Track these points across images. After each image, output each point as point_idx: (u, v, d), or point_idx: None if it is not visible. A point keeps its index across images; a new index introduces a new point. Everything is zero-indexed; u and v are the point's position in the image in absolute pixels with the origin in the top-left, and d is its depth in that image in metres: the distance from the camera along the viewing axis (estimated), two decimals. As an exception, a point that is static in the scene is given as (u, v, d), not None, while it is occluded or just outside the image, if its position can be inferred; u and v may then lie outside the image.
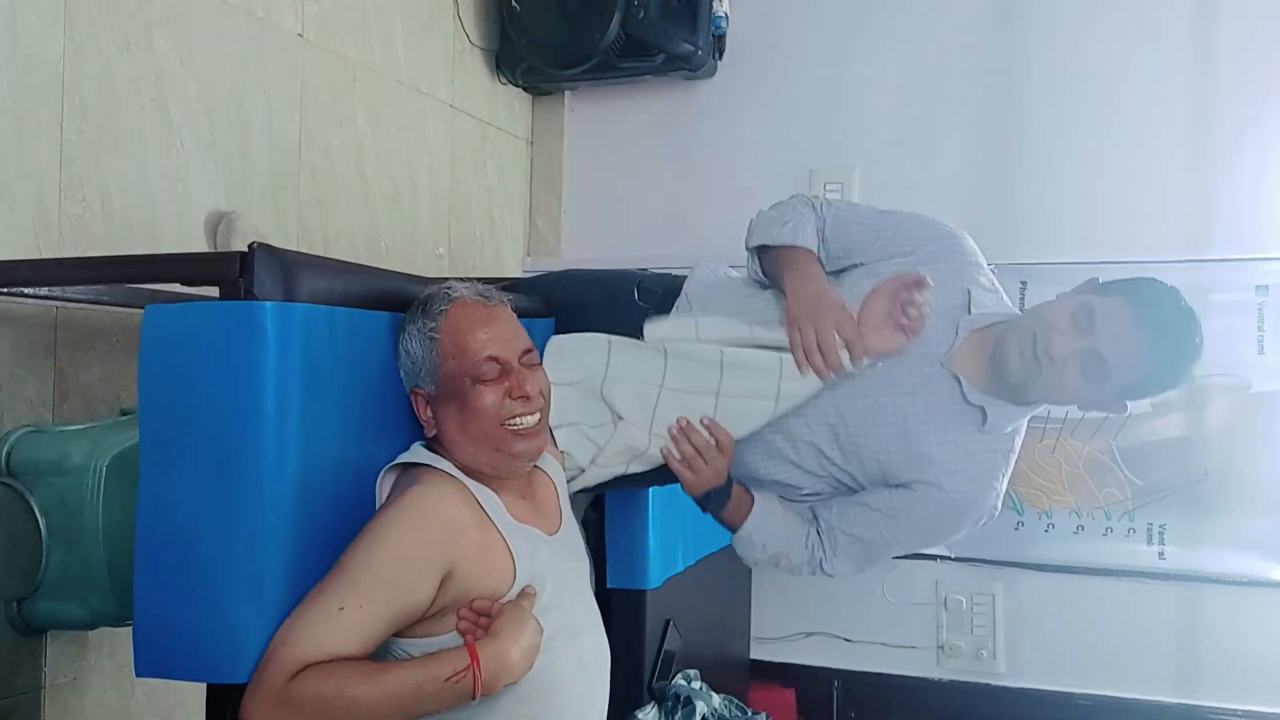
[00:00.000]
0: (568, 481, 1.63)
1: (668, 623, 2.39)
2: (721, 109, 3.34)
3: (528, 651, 1.26)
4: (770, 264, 1.67)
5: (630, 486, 1.86)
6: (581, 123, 3.51)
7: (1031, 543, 3.00)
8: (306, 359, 1.27)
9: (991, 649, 3.05)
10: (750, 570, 3.15)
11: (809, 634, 3.21)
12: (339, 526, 1.30)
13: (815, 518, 1.70)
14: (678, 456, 1.61)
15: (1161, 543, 2.90)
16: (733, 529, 1.70)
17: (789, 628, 3.23)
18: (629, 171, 3.46)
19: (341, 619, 1.19)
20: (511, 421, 1.37)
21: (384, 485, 1.37)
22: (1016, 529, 3.01)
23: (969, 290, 1.60)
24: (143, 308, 1.27)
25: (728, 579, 2.94)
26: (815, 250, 1.64)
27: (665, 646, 2.38)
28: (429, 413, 1.38)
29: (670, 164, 3.41)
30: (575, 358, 1.65)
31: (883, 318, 1.53)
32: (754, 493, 1.70)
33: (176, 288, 1.45)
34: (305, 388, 1.26)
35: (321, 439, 1.29)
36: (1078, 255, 2.86)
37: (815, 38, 3.25)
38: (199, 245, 2.25)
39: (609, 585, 2.25)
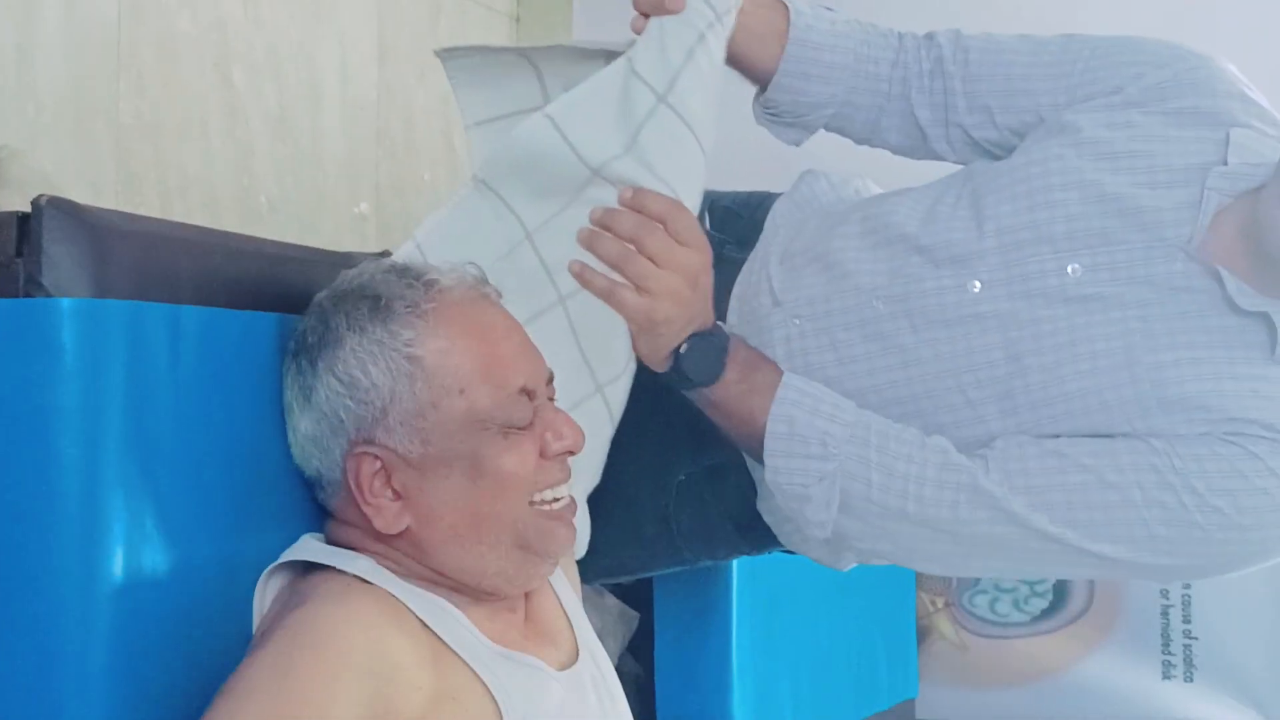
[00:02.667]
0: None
1: None
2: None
3: None
4: None
5: (698, 552, 1.87)
6: (602, -16, 3.54)
7: None
8: (133, 391, 1.27)
9: None
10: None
11: None
12: (188, 674, 1.30)
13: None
14: (602, 273, 1.59)
15: None
16: (753, 427, 1.65)
17: None
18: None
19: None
20: (541, 495, 1.39)
21: (265, 597, 1.38)
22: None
23: (1228, 133, 1.60)
24: None
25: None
26: (795, 10, 1.71)
27: None
28: (388, 490, 1.37)
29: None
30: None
31: None
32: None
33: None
34: (131, 440, 1.27)
35: (159, 529, 1.29)
36: None
37: None
38: (-51, 205, 2.29)
39: None
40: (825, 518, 1.64)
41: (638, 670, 2.32)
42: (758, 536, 1.74)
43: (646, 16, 1.61)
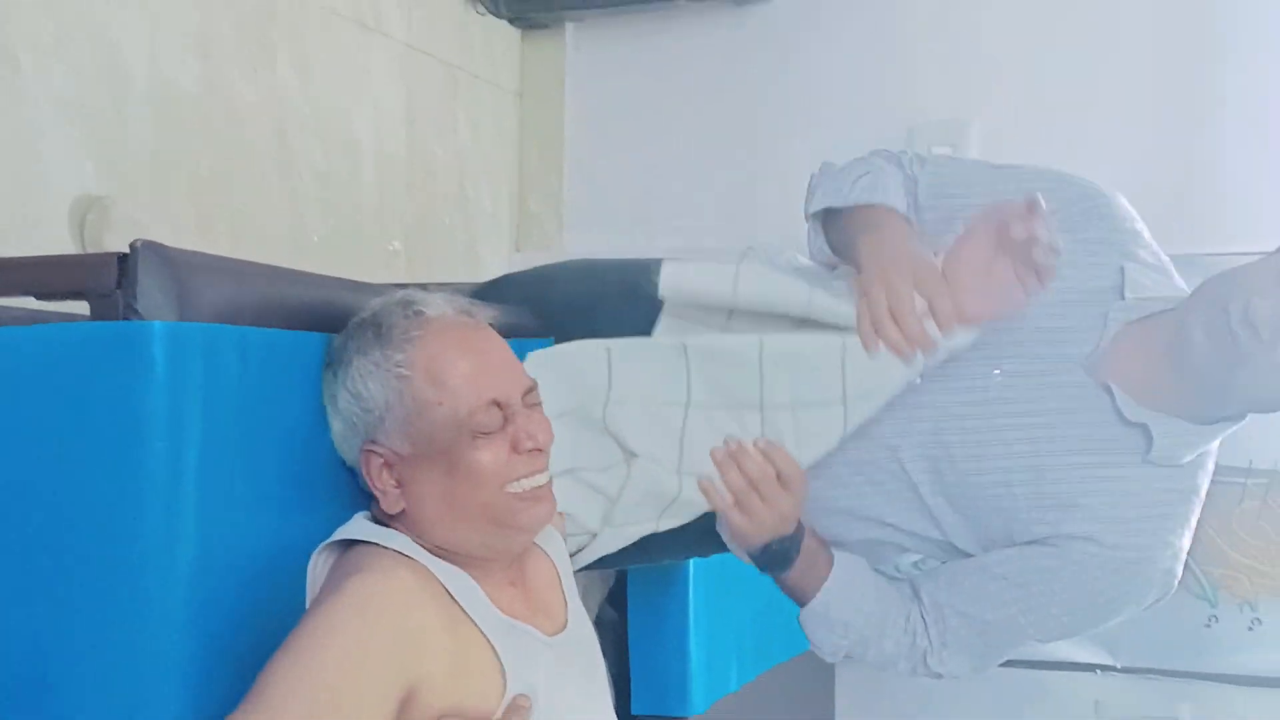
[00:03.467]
0: (573, 554, 1.64)
1: (718, 764, 2.38)
2: (784, 44, 3.35)
3: None
4: (839, 234, 1.67)
5: (658, 557, 1.85)
6: (589, 66, 3.54)
7: (1230, 646, 3.00)
8: (209, 399, 1.26)
9: (1176, 798, 3.04)
10: (832, 690, 3.14)
11: (918, 777, 3.20)
12: (257, 635, 1.28)
13: (916, 594, 1.70)
14: (724, 495, 1.60)
15: None
16: (802, 601, 1.69)
17: (888, 769, 3.21)
18: (657, 132, 3.48)
19: (260, 774, 1.18)
20: (515, 484, 1.38)
21: (318, 571, 1.37)
22: (1208, 626, 3.01)
23: (1123, 267, 1.60)
24: (-20, 331, 1.27)
25: (801, 701, 2.93)
26: (902, 210, 1.64)
27: (715, 798, 2.37)
28: (391, 480, 1.37)
29: (714, 121, 3.43)
30: (563, 377, 1.64)
31: (983, 268, 1.52)
32: (835, 551, 1.70)
33: (29, 303, 1.45)
34: (207, 439, 1.26)
35: (230, 511, 1.29)
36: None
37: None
38: (58, 244, 2.26)
39: (634, 711, 2.28)
40: (832, 659, 1.75)
41: (615, 616, 2.32)
42: (714, 544, 1.73)
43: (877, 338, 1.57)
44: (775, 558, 1.64)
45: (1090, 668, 3.07)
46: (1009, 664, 3.01)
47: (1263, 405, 1.55)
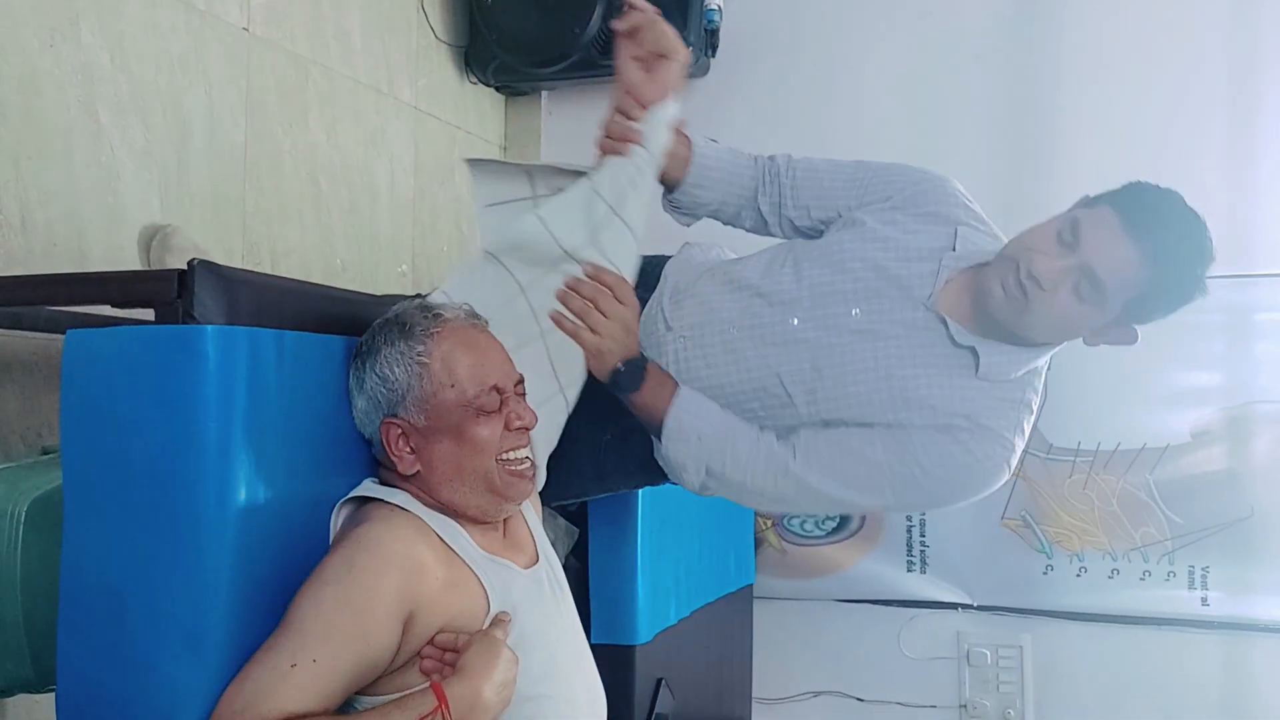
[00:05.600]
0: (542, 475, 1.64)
1: (659, 682, 2.38)
2: (715, 110, 3.36)
3: (502, 686, 1.26)
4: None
5: (617, 484, 1.86)
6: (560, 127, 3.53)
7: (1062, 589, 3.01)
8: (252, 388, 1.26)
9: (1020, 708, 3.05)
10: (752, 623, 3.14)
11: (817, 694, 3.21)
12: (288, 574, 1.29)
13: (783, 432, 1.66)
14: (572, 319, 1.59)
15: (1205, 587, 2.91)
16: (657, 420, 1.64)
17: (795, 687, 3.22)
18: (612, 179, 3.46)
19: (294, 676, 1.18)
20: (507, 455, 1.39)
21: (337, 521, 1.38)
22: (1045, 573, 3.02)
23: (956, 230, 1.63)
24: (65, 333, 1.27)
25: (727, 632, 2.93)
26: (695, 143, 1.70)
27: (657, 709, 2.36)
28: (407, 447, 1.38)
29: (658, 171, 3.42)
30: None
31: (631, 69, 1.61)
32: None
33: (105, 310, 1.44)
34: (250, 420, 1.26)
35: (268, 477, 1.29)
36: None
37: (817, 31, 3.29)
38: (131, 263, 2.25)
39: (593, 641, 2.20)
40: (695, 481, 1.67)
41: (578, 565, 2.30)
42: (655, 473, 1.74)
43: (604, 154, 1.62)
44: (629, 375, 1.61)
45: (953, 606, 3.08)
46: (886, 602, 3.12)
47: (1052, 336, 1.57)
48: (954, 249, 1.61)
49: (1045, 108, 3.07)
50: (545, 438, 1.63)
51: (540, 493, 1.66)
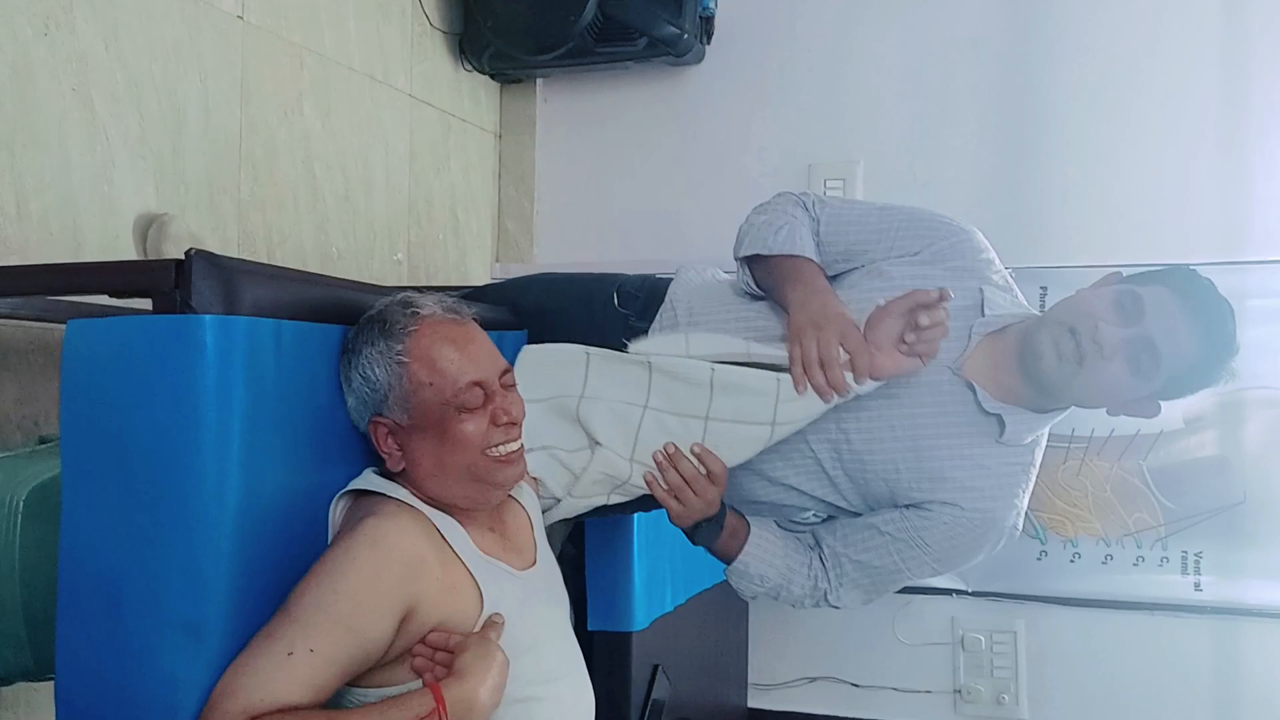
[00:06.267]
0: (542, 512, 1.63)
1: (656, 669, 2.38)
2: (710, 98, 3.36)
3: (496, 689, 1.26)
4: (765, 275, 1.67)
5: (613, 514, 1.86)
6: (555, 114, 3.52)
7: (1056, 574, 3.02)
8: (250, 377, 1.26)
9: (1013, 692, 3.07)
10: (747, 610, 3.15)
11: (812, 679, 3.23)
12: (286, 564, 1.29)
13: (818, 543, 1.71)
14: (664, 486, 1.61)
15: (1198, 573, 2.92)
16: (726, 561, 1.71)
17: (790, 672, 3.23)
18: (608, 168, 3.47)
19: (290, 665, 1.18)
20: (494, 449, 1.37)
21: (336, 514, 1.37)
22: (1039, 559, 3.03)
23: (981, 289, 1.62)
24: (64, 323, 1.26)
25: (722, 619, 2.94)
26: (815, 258, 1.65)
27: (653, 695, 2.37)
28: (394, 445, 1.37)
29: (654, 159, 3.42)
30: (548, 371, 1.64)
31: (893, 337, 1.53)
32: (749, 520, 1.70)
33: (103, 300, 1.44)
34: (249, 409, 1.25)
35: (267, 467, 1.29)
36: (1101, 258, 2.87)
37: (814, 18, 3.28)
38: (127, 252, 2.24)
39: (590, 628, 2.25)
40: (751, 599, 1.80)
41: (574, 552, 2.30)
42: (653, 504, 1.73)
43: (811, 389, 1.55)
44: (704, 532, 1.65)
45: (947, 591, 3.09)
46: (883, 589, 3.13)
47: (1088, 402, 1.59)
48: (982, 313, 1.61)
49: (1041, 92, 3.07)
50: (564, 513, 1.67)
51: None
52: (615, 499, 1.67)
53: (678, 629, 2.48)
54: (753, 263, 1.68)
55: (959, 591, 3.09)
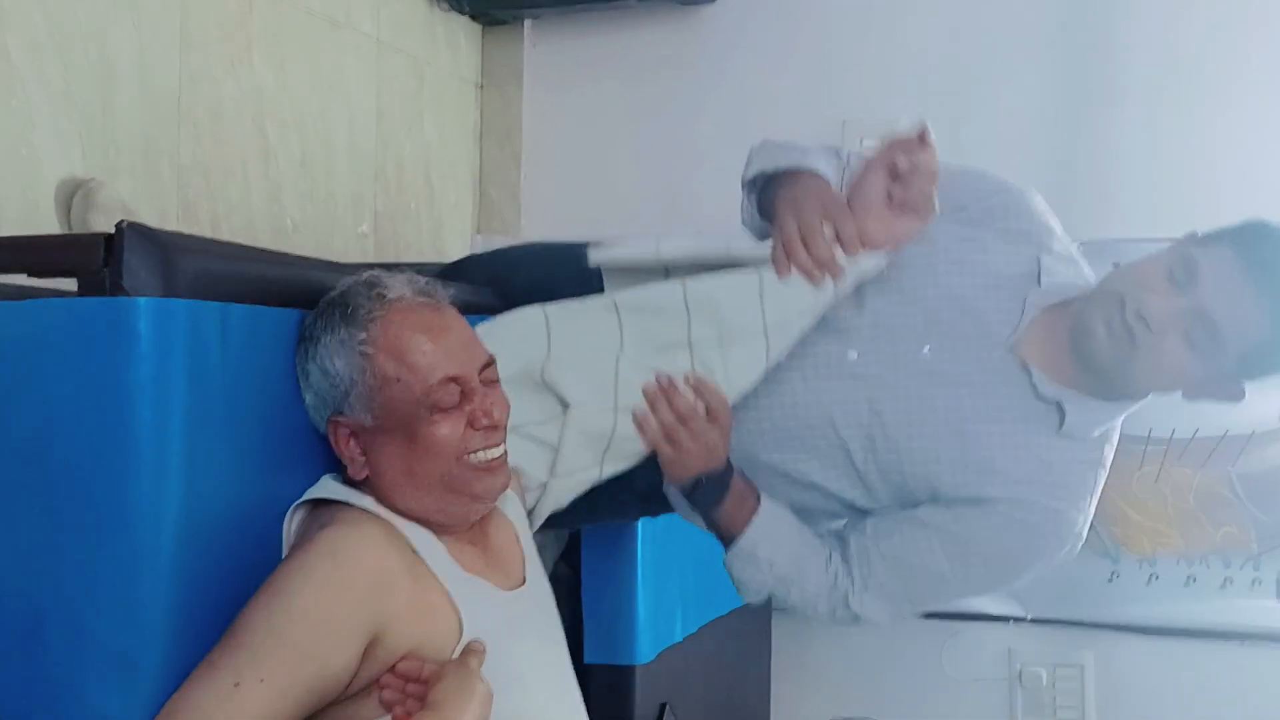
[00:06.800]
0: (530, 511, 1.64)
1: (663, 707, 2.40)
2: (727, 44, 3.35)
3: None
4: (770, 203, 1.66)
5: (610, 518, 1.86)
6: (546, 61, 3.52)
7: (1129, 599, 3.02)
8: (192, 370, 1.26)
9: (1080, 736, 3.06)
10: (769, 640, 3.16)
11: (845, 720, 3.23)
12: (234, 585, 1.29)
13: (842, 542, 1.70)
14: (655, 426, 1.60)
15: (1296, 597, 2.92)
16: (729, 538, 1.68)
17: (819, 711, 3.24)
18: (607, 125, 3.47)
19: (238, 698, 1.18)
20: (472, 456, 1.37)
21: (292, 527, 1.37)
22: (1110, 581, 3.03)
23: (1039, 258, 1.63)
24: (-24, 306, 1.27)
25: (740, 651, 2.95)
26: (825, 176, 1.64)
27: (660, 738, 2.38)
28: (357, 449, 1.37)
29: (660, 114, 3.42)
30: (508, 345, 1.62)
31: (880, 196, 1.54)
32: (761, 493, 1.69)
33: (20, 279, 1.44)
34: (190, 406, 1.26)
35: (211, 473, 1.29)
36: (1180, 229, 2.87)
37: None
38: (48, 224, 2.25)
39: (586, 660, 2.25)
40: (751, 599, 1.74)
41: (568, 573, 2.31)
42: (655, 505, 1.75)
43: (793, 271, 1.56)
44: (706, 492, 1.64)
45: (1003, 619, 3.09)
46: (929, 615, 3.12)
47: (1154, 386, 1.58)
48: (1039, 282, 1.61)
49: (1114, 40, 3.06)
50: (554, 500, 1.66)
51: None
52: (610, 468, 1.65)
53: (688, 662, 2.49)
54: (761, 193, 1.68)
55: (1016, 618, 3.10)
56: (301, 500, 1.38)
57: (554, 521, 1.73)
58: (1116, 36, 3.07)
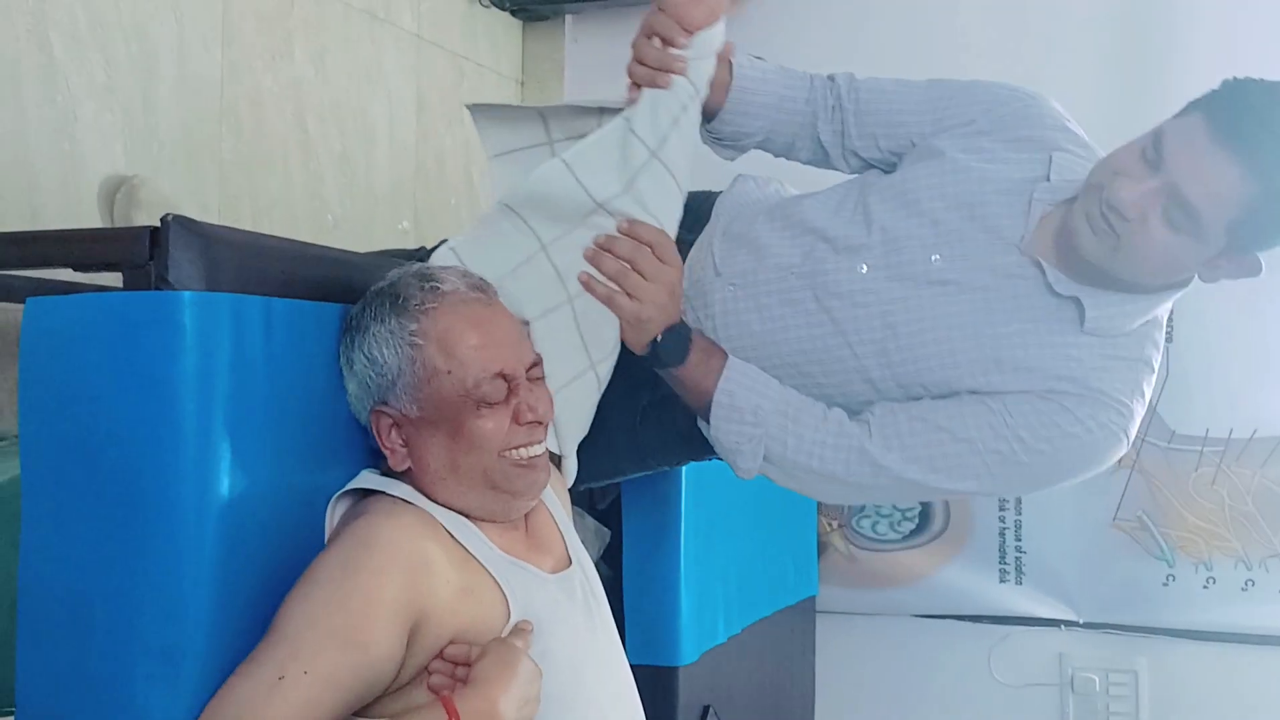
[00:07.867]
0: (559, 460, 1.64)
1: (706, 709, 2.39)
2: (772, 34, 3.33)
3: (523, 703, 1.26)
4: None
5: (658, 463, 1.88)
6: (586, 57, 3.53)
7: (1186, 604, 3.00)
8: (235, 363, 1.27)
9: (1134, 744, 3.05)
10: (814, 642, 3.15)
11: (891, 725, 3.22)
12: (277, 578, 1.30)
13: (853, 416, 1.65)
14: (606, 283, 1.58)
15: (1360, 602, 2.89)
16: (703, 397, 1.64)
17: (865, 716, 3.22)
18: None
19: (282, 691, 1.19)
20: (513, 452, 1.38)
21: (333, 519, 1.39)
22: (1165, 585, 3.01)
23: (1050, 156, 1.61)
24: (21, 302, 1.29)
25: (785, 653, 2.94)
26: (737, 63, 1.67)
27: (703, 741, 2.38)
28: (399, 440, 1.39)
29: (704, 108, 3.41)
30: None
31: None
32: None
33: (66, 274, 1.46)
34: (234, 400, 1.27)
35: (254, 466, 1.30)
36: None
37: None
38: (92, 219, 2.27)
39: (629, 661, 2.25)
40: (752, 466, 1.66)
41: (610, 573, 2.31)
42: (701, 447, 1.73)
43: (639, 88, 1.60)
44: (671, 346, 1.60)
45: (1054, 623, 3.09)
46: (975, 618, 3.11)
47: (1157, 274, 1.52)
48: (1048, 178, 1.59)
49: (1175, 22, 3.03)
50: (576, 423, 1.64)
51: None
52: (604, 364, 1.63)
53: (732, 663, 2.49)
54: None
55: (1068, 623, 3.09)
56: (343, 491, 1.39)
57: (603, 471, 1.72)
58: (1175, 39, 3.04)
